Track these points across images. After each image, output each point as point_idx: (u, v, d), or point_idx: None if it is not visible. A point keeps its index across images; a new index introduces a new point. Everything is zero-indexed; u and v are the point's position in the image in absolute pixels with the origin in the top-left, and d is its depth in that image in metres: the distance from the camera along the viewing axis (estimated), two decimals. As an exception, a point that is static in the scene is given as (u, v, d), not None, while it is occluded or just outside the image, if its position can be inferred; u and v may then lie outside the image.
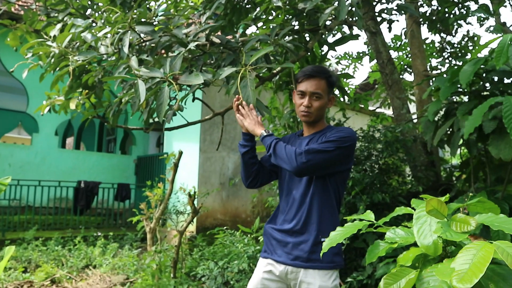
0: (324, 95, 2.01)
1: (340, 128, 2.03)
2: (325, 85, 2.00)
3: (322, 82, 2.00)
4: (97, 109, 3.30)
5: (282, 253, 1.96)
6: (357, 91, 8.88)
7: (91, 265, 5.71)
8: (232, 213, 8.12)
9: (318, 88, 1.98)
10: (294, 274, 1.92)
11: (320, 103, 2.00)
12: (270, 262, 2.00)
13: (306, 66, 2.36)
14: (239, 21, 3.52)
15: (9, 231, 7.18)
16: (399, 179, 4.05)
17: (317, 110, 2.00)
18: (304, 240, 1.93)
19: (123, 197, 8.84)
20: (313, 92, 1.98)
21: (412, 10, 3.23)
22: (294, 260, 1.92)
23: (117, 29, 2.53)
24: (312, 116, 2.02)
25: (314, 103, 1.99)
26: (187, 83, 2.14)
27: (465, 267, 0.96)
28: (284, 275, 1.95)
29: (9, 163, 8.45)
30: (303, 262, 1.91)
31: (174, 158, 4.66)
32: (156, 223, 4.83)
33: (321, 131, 2.07)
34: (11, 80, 9.17)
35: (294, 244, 1.93)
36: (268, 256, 2.02)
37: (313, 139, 2.03)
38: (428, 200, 1.19)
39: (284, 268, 1.94)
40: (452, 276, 0.95)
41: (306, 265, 1.90)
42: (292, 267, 1.92)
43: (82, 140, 13.31)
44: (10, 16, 7.13)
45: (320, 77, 1.99)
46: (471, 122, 2.16)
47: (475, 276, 0.93)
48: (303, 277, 1.90)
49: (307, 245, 1.91)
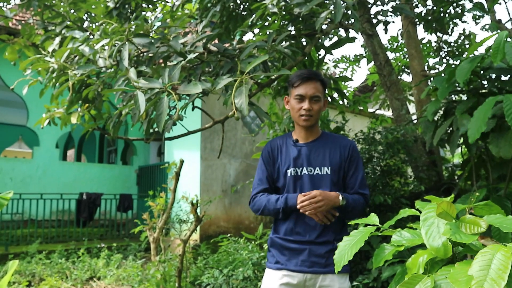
0: (322, 97, 2.04)
1: (348, 143, 2.08)
2: (321, 87, 2.04)
3: (318, 84, 2.03)
4: (97, 121, 3.31)
5: (298, 261, 1.96)
6: (356, 93, 8.89)
7: (96, 277, 5.68)
8: (235, 220, 8.10)
9: (317, 91, 2.01)
10: (312, 281, 1.94)
11: (320, 105, 2.02)
12: (286, 273, 1.97)
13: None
14: (236, 28, 3.54)
15: (12, 245, 7.16)
16: (401, 180, 4.04)
17: (317, 113, 2.02)
18: (320, 246, 1.95)
19: (126, 208, 8.83)
20: (313, 96, 1.99)
21: (407, 11, 3.24)
22: (311, 267, 1.93)
23: (114, 41, 2.54)
24: (313, 120, 2.03)
25: (314, 106, 2.00)
26: (186, 92, 2.14)
27: (484, 274, 0.91)
28: (302, 283, 1.95)
29: (10, 177, 8.44)
30: (321, 268, 1.93)
31: (176, 167, 4.66)
32: (160, 233, 4.82)
33: (321, 139, 2.09)
34: (11, 94, 9.18)
35: (310, 251, 1.95)
36: (282, 268, 1.99)
37: (316, 149, 2.04)
38: (438, 203, 1.17)
39: (302, 276, 1.95)
40: (472, 285, 0.90)
41: (325, 270, 1.93)
42: (311, 274, 1.94)
43: (83, 152, 13.30)
44: (7, 31, 7.17)
45: (316, 80, 2.02)
46: (475, 125, 2.14)
47: (497, 284, 0.88)
48: (322, 282, 1.93)
49: (324, 250, 1.94)
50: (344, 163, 2.04)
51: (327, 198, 1.88)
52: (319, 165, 2.02)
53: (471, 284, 0.92)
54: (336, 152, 2.03)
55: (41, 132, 8.73)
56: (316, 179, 2.00)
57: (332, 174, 2.01)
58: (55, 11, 3.75)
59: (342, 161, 2.03)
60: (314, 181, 2.00)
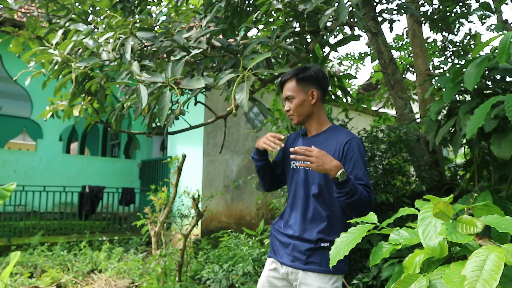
0: (296, 94, 2.05)
1: (345, 139, 2.00)
2: (294, 84, 2.05)
3: (291, 83, 2.06)
4: (100, 114, 3.32)
5: (284, 254, 2.02)
6: (359, 91, 8.87)
7: (97, 270, 5.72)
8: (237, 215, 8.12)
9: (288, 91, 2.06)
10: (294, 275, 1.98)
11: (295, 102, 2.05)
12: (274, 261, 2.09)
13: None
14: (240, 23, 3.53)
15: (15, 237, 7.21)
16: (403, 179, 4.03)
17: (295, 110, 2.06)
18: (304, 243, 1.96)
19: (128, 202, 8.86)
20: (286, 97, 2.08)
21: (412, 10, 3.22)
22: (293, 261, 1.97)
23: (118, 34, 2.55)
24: (295, 117, 2.08)
25: (291, 105, 2.06)
26: (189, 87, 2.15)
27: (476, 274, 0.92)
28: (286, 276, 2.02)
29: (14, 169, 8.49)
30: (302, 264, 1.94)
31: (178, 161, 4.67)
32: (161, 227, 4.84)
33: (323, 134, 2.08)
34: (15, 86, 9.22)
35: (294, 246, 1.98)
36: (272, 256, 2.11)
37: (316, 144, 2.00)
38: (435, 203, 1.17)
39: (285, 269, 2.01)
40: (464, 286, 0.91)
41: (305, 268, 1.94)
42: (292, 268, 1.98)
43: (86, 145, 13.36)
44: (12, 23, 7.18)
45: (288, 80, 2.08)
46: (474, 122, 2.14)
47: (489, 285, 0.89)
48: (302, 279, 1.94)
49: (305, 248, 1.95)
50: (340, 160, 1.95)
51: (321, 159, 1.79)
52: None
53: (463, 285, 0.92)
54: (332, 148, 1.99)
55: (44, 124, 8.77)
56: (309, 174, 2.01)
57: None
58: (60, 4, 3.76)
59: (337, 158, 1.95)
60: (308, 175, 2.02)
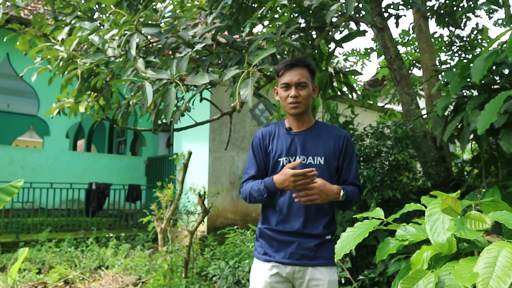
0: (309, 83, 1.97)
1: (342, 134, 2.04)
2: (307, 73, 1.97)
3: (304, 70, 1.96)
4: (106, 111, 3.32)
5: (286, 253, 1.93)
6: (365, 87, 8.82)
7: (104, 266, 5.75)
8: (243, 212, 8.13)
9: (302, 76, 1.94)
10: (301, 273, 1.92)
11: (307, 91, 1.96)
12: (275, 264, 1.95)
13: (313, 63, 2.34)
14: (246, 20, 3.52)
15: (23, 233, 7.27)
16: (410, 176, 4.01)
17: (305, 99, 1.95)
18: (310, 239, 1.93)
19: (134, 198, 8.89)
20: (298, 82, 1.93)
21: (418, 4, 3.19)
22: (300, 259, 1.92)
23: (124, 31, 2.55)
24: (302, 106, 1.96)
25: (301, 92, 1.94)
26: (193, 83, 2.14)
27: (489, 271, 0.90)
28: (291, 275, 1.94)
29: (21, 166, 8.55)
30: (310, 260, 1.91)
31: (184, 158, 4.68)
32: (167, 224, 4.85)
33: (315, 128, 2.04)
34: (22, 84, 9.28)
35: (300, 243, 1.92)
36: (270, 259, 1.96)
37: (311, 138, 1.99)
38: (443, 199, 1.16)
39: (291, 268, 1.93)
40: (477, 282, 0.89)
41: (313, 263, 1.91)
42: (299, 267, 1.92)
43: (92, 142, 13.42)
44: (19, 21, 7.22)
45: (301, 66, 1.96)
46: (485, 117, 2.11)
47: (503, 282, 0.87)
48: (311, 275, 1.91)
49: (313, 244, 1.92)
50: (339, 154, 2.00)
51: (325, 193, 1.83)
52: (313, 154, 1.97)
53: (476, 281, 0.90)
54: (330, 142, 1.99)
55: (51, 122, 8.82)
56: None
57: (325, 164, 1.96)
58: (66, 1, 3.76)
59: (336, 151, 1.99)
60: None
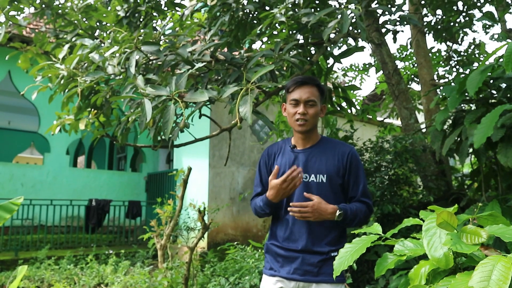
0: (318, 102, 1.98)
1: (347, 150, 2.02)
2: (317, 92, 1.98)
3: (314, 89, 1.97)
4: (106, 127, 3.34)
5: (291, 269, 1.93)
6: (364, 102, 8.86)
7: (103, 283, 5.70)
8: (243, 227, 8.08)
9: (312, 95, 1.95)
10: None
11: (315, 110, 1.96)
12: (279, 279, 1.96)
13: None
14: (244, 36, 3.56)
15: (22, 251, 7.22)
16: (410, 190, 4.01)
17: (312, 117, 1.96)
18: (314, 255, 1.92)
19: (134, 215, 8.86)
20: (308, 100, 1.95)
21: (415, 21, 3.24)
22: (304, 275, 1.91)
23: (124, 49, 2.58)
24: (309, 125, 1.97)
25: (309, 110, 1.95)
26: (193, 100, 2.16)
27: (484, 285, 0.91)
28: None
29: (21, 183, 8.54)
30: (314, 276, 1.90)
31: (184, 174, 4.68)
32: (167, 240, 4.83)
33: (320, 145, 2.04)
34: (23, 101, 9.33)
35: (304, 259, 1.92)
36: (276, 274, 1.98)
37: (314, 155, 2.00)
38: (438, 213, 1.16)
39: (295, 284, 1.93)
40: None
41: (317, 279, 1.90)
42: (303, 283, 1.91)
43: (93, 158, 13.43)
44: (21, 39, 7.30)
45: (312, 84, 1.97)
46: (482, 131, 2.12)
47: None
48: None
49: (316, 260, 1.91)
50: (344, 171, 1.98)
51: (318, 212, 1.85)
52: (315, 172, 1.97)
53: (471, 296, 0.90)
54: (334, 159, 1.98)
55: (52, 138, 8.84)
56: (311, 186, 1.95)
57: (328, 182, 1.96)
58: (67, 20, 3.82)
59: (340, 168, 1.98)
60: (309, 188, 1.95)
